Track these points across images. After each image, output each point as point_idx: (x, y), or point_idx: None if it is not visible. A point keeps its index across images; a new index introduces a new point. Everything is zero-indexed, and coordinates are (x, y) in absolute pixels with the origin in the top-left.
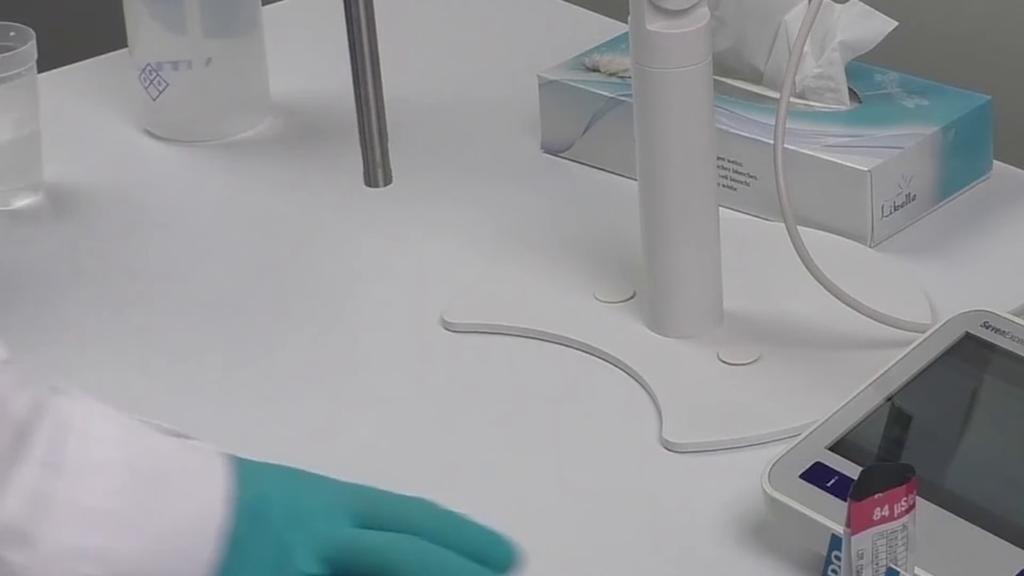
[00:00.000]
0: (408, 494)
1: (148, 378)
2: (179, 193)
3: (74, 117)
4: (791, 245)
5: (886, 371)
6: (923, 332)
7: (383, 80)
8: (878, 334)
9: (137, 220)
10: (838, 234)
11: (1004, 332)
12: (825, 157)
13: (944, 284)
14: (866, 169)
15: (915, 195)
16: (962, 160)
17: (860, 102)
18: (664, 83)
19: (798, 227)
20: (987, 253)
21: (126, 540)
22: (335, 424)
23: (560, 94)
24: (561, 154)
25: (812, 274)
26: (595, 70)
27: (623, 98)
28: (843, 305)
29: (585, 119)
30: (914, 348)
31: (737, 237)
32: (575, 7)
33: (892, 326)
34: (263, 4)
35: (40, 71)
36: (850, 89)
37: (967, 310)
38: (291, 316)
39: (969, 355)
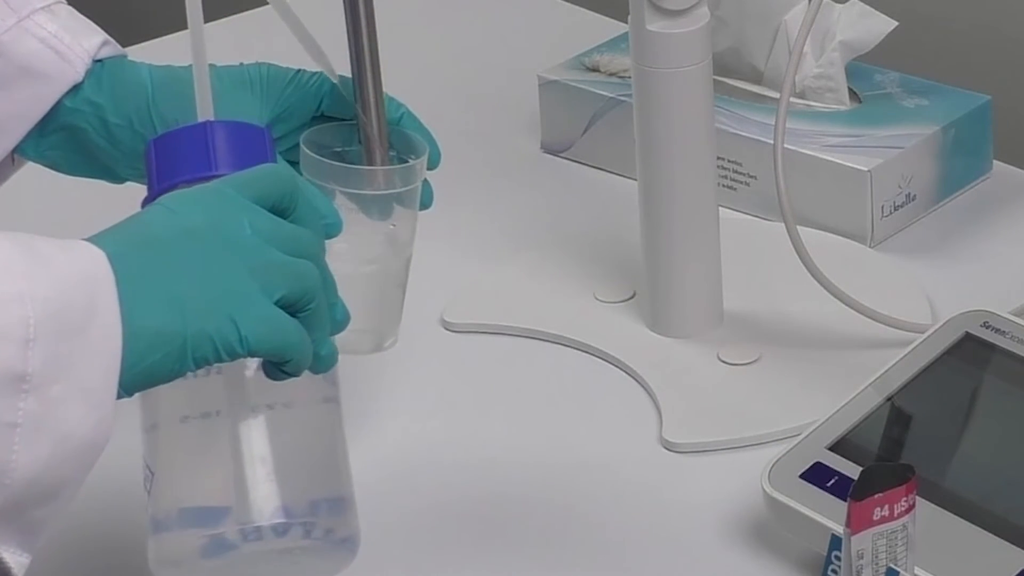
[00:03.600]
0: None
1: None
2: None
3: None
4: (791, 245)
5: (886, 371)
6: (923, 332)
7: (383, 80)
8: (878, 334)
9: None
10: (838, 234)
11: (1004, 332)
12: (825, 157)
13: (944, 284)
14: (866, 169)
15: (915, 195)
16: (962, 160)
17: (860, 102)
18: (664, 83)
19: (798, 227)
20: (987, 253)
21: (39, 282)
22: None
23: (560, 94)
24: (561, 154)
25: (812, 274)
26: (595, 70)
27: (623, 98)
28: (843, 305)
29: (585, 119)
30: (914, 348)
31: (737, 237)
32: (575, 7)
33: (892, 326)
34: (263, 4)
35: None
36: (850, 89)
37: (967, 310)
38: None
39: (969, 355)
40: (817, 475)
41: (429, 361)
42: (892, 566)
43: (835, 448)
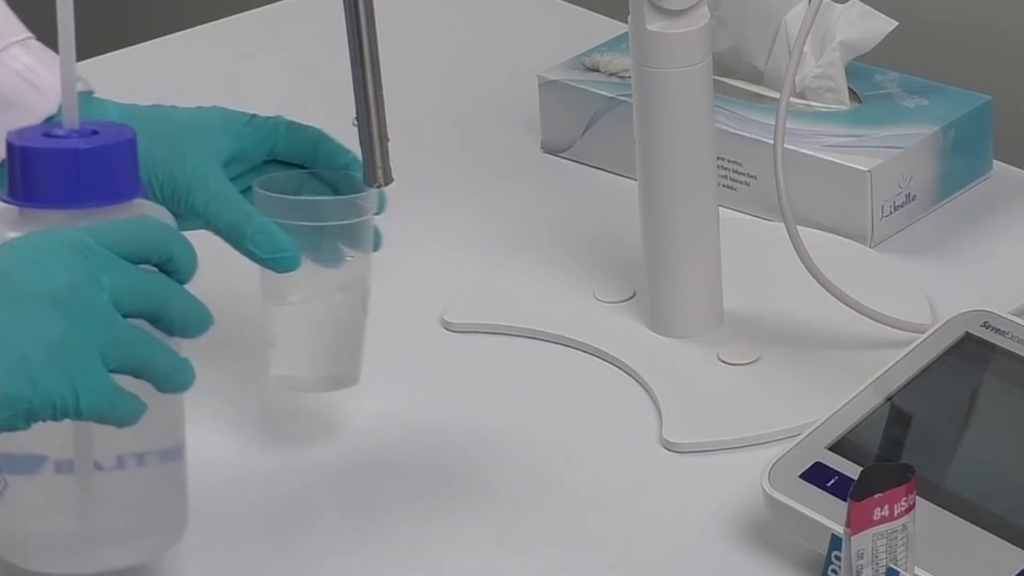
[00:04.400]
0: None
1: None
2: None
3: None
4: (791, 245)
5: (886, 371)
6: (923, 332)
7: (383, 80)
8: (878, 334)
9: None
10: (838, 234)
11: (1004, 332)
12: (825, 157)
13: (944, 284)
14: (866, 169)
15: (915, 195)
16: (962, 160)
17: (860, 102)
18: (664, 83)
19: (798, 227)
20: (987, 253)
21: None
22: (335, 423)
23: (560, 94)
24: (561, 154)
25: (812, 274)
26: (595, 70)
27: (623, 98)
28: (843, 305)
29: (585, 119)
30: (914, 348)
31: (737, 237)
32: (575, 7)
33: (892, 326)
34: (262, 4)
35: None
36: (850, 89)
37: (967, 310)
38: None
39: (969, 355)
40: (817, 475)
41: (429, 361)
42: (892, 566)
43: (835, 448)
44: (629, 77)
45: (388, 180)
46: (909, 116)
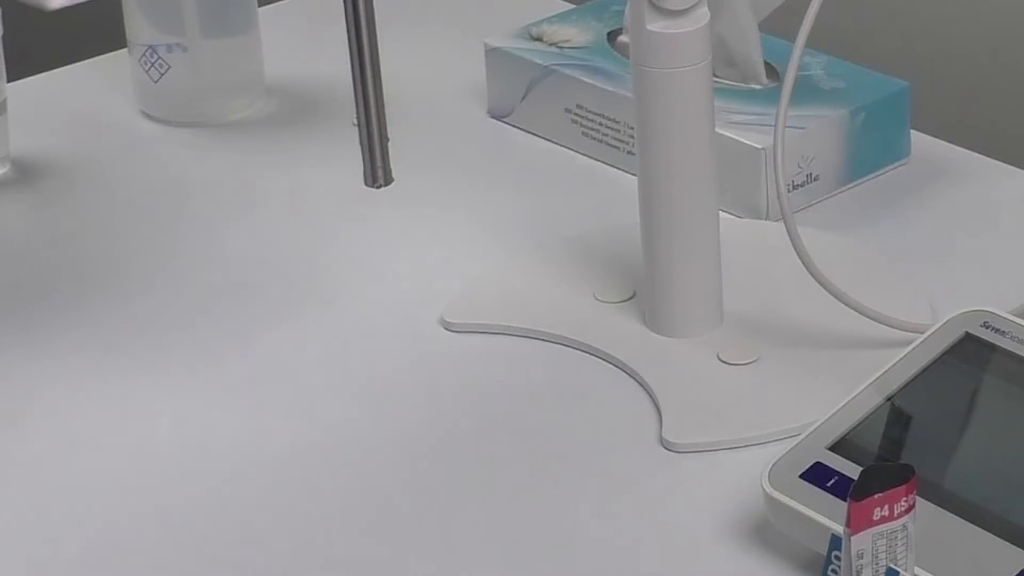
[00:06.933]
0: None
1: (139, 372)
2: (174, 175)
3: (74, 106)
4: (791, 245)
5: (886, 371)
6: (923, 332)
7: (383, 81)
8: (878, 334)
9: (128, 201)
10: (736, 211)
11: (1004, 332)
12: (725, 133)
13: (944, 284)
14: (760, 147)
15: (817, 175)
16: (873, 144)
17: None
18: (664, 83)
19: (798, 227)
20: (988, 253)
21: None
22: (334, 424)
23: (502, 61)
24: (504, 119)
25: (812, 274)
26: (539, 39)
27: (556, 67)
28: (843, 305)
29: (523, 86)
30: (914, 348)
31: (737, 237)
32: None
33: (892, 326)
34: (263, 4)
35: (42, 71)
36: (773, 68)
37: (967, 310)
38: (290, 316)
39: (969, 355)
40: (817, 475)
41: (429, 361)
42: (892, 566)
43: (835, 448)
44: (570, 47)
45: (388, 180)
46: (822, 98)
